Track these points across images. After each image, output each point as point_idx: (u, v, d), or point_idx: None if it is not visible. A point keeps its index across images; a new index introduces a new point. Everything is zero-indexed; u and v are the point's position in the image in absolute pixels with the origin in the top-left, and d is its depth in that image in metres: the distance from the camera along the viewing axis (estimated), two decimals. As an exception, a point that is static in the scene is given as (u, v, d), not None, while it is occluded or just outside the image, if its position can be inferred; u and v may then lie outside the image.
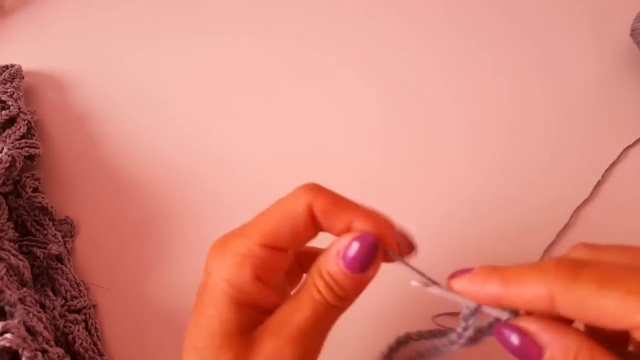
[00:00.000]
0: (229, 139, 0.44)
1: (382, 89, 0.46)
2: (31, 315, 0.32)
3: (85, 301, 0.36)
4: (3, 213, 0.37)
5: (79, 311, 0.36)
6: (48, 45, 0.51)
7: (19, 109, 0.42)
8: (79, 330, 0.35)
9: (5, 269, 0.33)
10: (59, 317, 0.35)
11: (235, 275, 0.23)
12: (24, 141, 0.40)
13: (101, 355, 0.35)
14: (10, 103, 0.42)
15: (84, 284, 0.37)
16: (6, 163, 0.37)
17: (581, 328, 0.22)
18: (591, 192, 0.40)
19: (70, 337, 0.35)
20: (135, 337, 0.36)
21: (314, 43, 0.49)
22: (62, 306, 0.36)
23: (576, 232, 0.38)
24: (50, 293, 0.36)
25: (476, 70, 0.47)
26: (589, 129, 0.43)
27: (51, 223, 0.39)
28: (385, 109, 0.45)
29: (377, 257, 0.23)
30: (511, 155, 0.42)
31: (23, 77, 0.46)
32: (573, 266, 0.21)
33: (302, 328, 0.23)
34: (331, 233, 0.24)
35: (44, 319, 0.34)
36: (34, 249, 0.37)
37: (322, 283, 0.23)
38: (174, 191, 0.42)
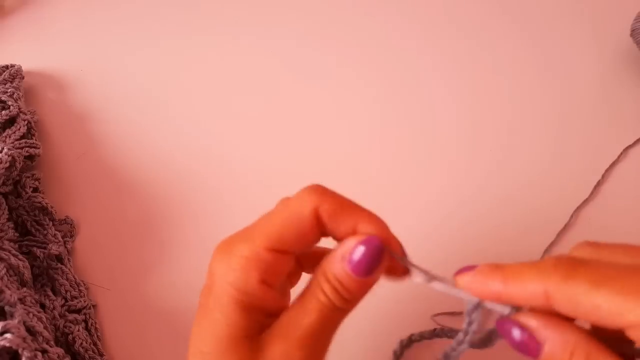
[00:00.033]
0: (229, 139, 0.44)
1: (382, 89, 0.46)
2: (31, 315, 0.32)
3: (85, 301, 0.36)
4: (3, 213, 0.37)
5: (79, 311, 0.36)
6: (48, 45, 0.51)
7: (19, 109, 0.42)
8: (79, 330, 0.35)
9: (5, 269, 0.33)
10: (59, 317, 0.35)
11: (242, 279, 0.23)
12: (24, 141, 0.40)
13: (101, 355, 0.35)
14: (10, 103, 0.42)
15: (84, 284, 0.37)
16: (6, 163, 0.37)
17: (587, 326, 0.22)
18: (591, 192, 0.40)
19: (70, 337, 0.35)
20: (135, 337, 0.36)
21: (314, 43, 0.49)
22: (62, 306, 0.36)
23: (576, 232, 0.38)
24: (50, 293, 0.36)
25: (476, 70, 0.47)
26: (589, 129, 0.43)
27: (51, 223, 0.39)
28: (385, 108, 0.45)
29: (382, 260, 0.23)
30: (511, 155, 0.42)
31: (23, 77, 0.46)
32: (569, 265, 0.21)
33: (309, 331, 0.23)
34: (335, 236, 0.24)
35: (44, 319, 0.34)
36: (34, 249, 0.37)
37: (328, 286, 0.23)
38: (174, 191, 0.42)
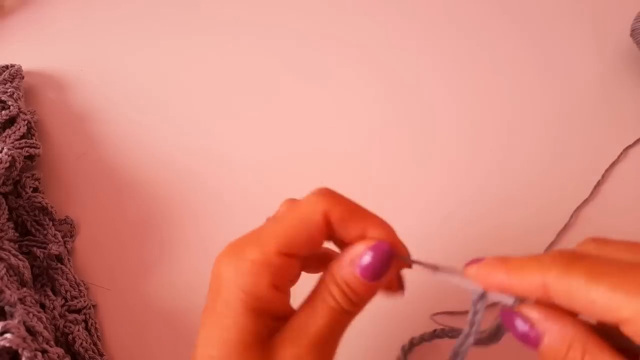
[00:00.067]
0: (229, 139, 0.44)
1: (382, 89, 0.46)
2: (31, 315, 0.32)
3: (85, 301, 0.36)
4: (3, 213, 0.37)
5: (79, 311, 0.36)
6: (48, 45, 0.51)
7: (19, 109, 0.42)
8: (79, 330, 0.35)
9: (5, 269, 0.33)
10: (59, 317, 0.35)
11: (253, 284, 0.23)
12: (24, 141, 0.40)
13: (101, 355, 0.35)
14: (10, 103, 0.42)
15: (84, 284, 0.37)
16: (6, 163, 0.37)
17: (592, 321, 0.22)
18: (591, 192, 0.40)
19: (70, 337, 0.35)
20: (135, 337, 0.36)
21: (314, 43, 0.49)
22: (62, 306, 0.36)
23: (576, 232, 0.38)
24: (50, 293, 0.36)
25: (476, 70, 0.47)
26: (589, 129, 0.43)
27: (51, 223, 0.39)
28: (385, 108, 0.45)
29: (391, 265, 0.24)
30: (511, 155, 0.42)
31: (23, 77, 0.46)
32: (568, 258, 0.21)
33: (319, 335, 0.23)
34: (343, 240, 0.25)
35: (44, 319, 0.34)
36: (34, 249, 0.37)
37: (337, 290, 0.24)
38: (174, 191, 0.42)
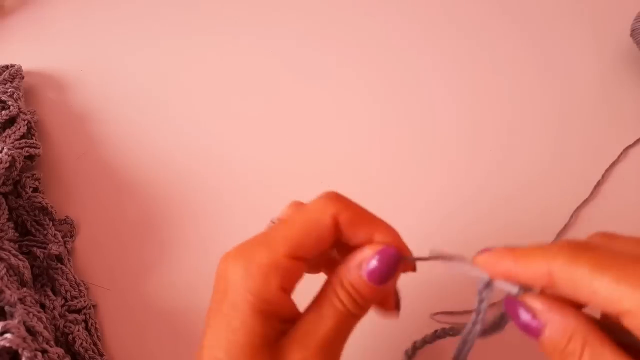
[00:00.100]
0: (229, 139, 0.44)
1: (382, 89, 0.46)
2: (31, 315, 0.32)
3: (85, 301, 0.36)
4: (3, 213, 0.37)
5: (79, 311, 0.36)
6: (48, 45, 0.51)
7: (19, 109, 0.42)
8: (79, 330, 0.35)
9: (5, 269, 0.33)
10: (59, 317, 0.35)
11: (262, 287, 0.23)
12: (24, 141, 0.40)
13: (101, 355, 0.35)
14: (10, 103, 0.42)
15: (84, 284, 0.37)
16: (6, 163, 0.37)
17: (597, 315, 0.23)
18: (591, 192, 0.40)
19: (70, 337, 0.35)
20: (135, 337, 0.36)
21: (314, 43, 0.49)
22: (62, 306, 0.36)
23: (576, 232, 0.38)
24: (50, 293, 0.36)
25: (476, 70, 0.47)
26: (589, 129, 0.43)
27: (51, 223, 0.39)
28: (385, 108, 0.45)
29: (398, 269, 0.24)
30: (511, 155, 0.42)
31: (23, 77, 0.46)
32: (575, 248, 0.22)
33: (327, 339, 0.23)
34: (350, 243, 0.25)
35: (44, 319, 0.34)
36: (34, 249, 0.37)
37: (344, 293, 0.24)
38: (174, 191, 0.42)
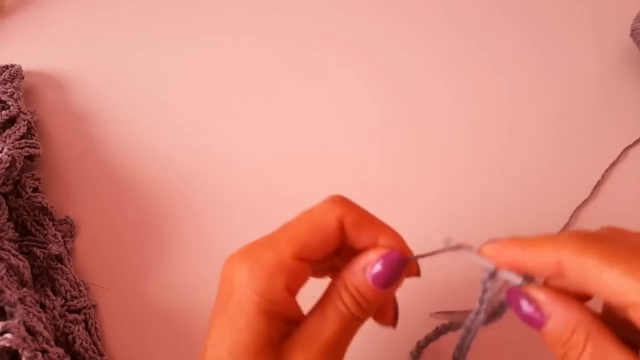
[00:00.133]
0: (229, 139, 0.44)
1: (382, 89, 0.46)
2: (31, 315, 0.32)
3: (85, 301, 0.36)
4: (3, 213, 0.37)
5: (79, 311, 0.36)
6: (48, 45, 0.51)
7: (19, 109, 0.42)
8: (79, 330, 0.35)
9: (5, 269, 0.33)
10: (59, 317, 0.35)
11: (267, 287, 0.23)
12: (24, 141, 0.40)
13: (101, 355, 0.35)
14: (10, 103, 0.42)
15: (84, 284, 0.37)
16: (6, 163, 0.37)
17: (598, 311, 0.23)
18: (591, 192, 0.40)
19: (70, 337, 0.35)
20: (135, 337, 0.36)
21: (314, 43, 0.49)
22: (62, 306, 0.36)
23: (576, 232, 0.38)
24: (50, 293, 0.36)
25: (476, 70, 0.47)
26: (589, 129, 0.43)
27: (51, 223, 0.39)
28: (385, 108, 0.45)
29: (402, 273, 0.24)
30: (511, 155, 0.42)
31: (23, 77, 0.46)
32: (585, 238, 0.22)
33: (330, 341, 0.23)
34: (354, 247, 0.25)
35: (44, 319, 0.34)
36: (34, 249, 0.37)
37: (348, 296, 0.24)
38: (174, 191, 0.42)
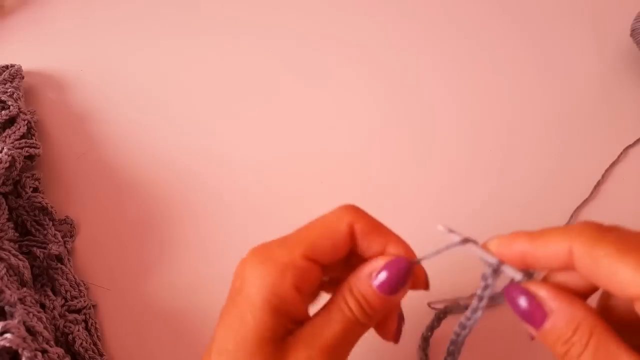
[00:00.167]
0: (229, 139, 0.44)
1: (382, 89, 0.46)
2: (31, 315, 0.32)
3: (85, 301, 0.36)
4: (3, 213, 0.37)
5: (79, 311, 0.36)
6: (48, 45, 0.51)
7: (19, 109, 0.42)
8: (79, 330, 0.35)
9: (5, 269, 0.33)
10: (59, 317, 0.35)
11: (277, 283, 0.23)
12: (24, 141, 0.40)
13: (101, 355, 0.35)
14: (10, 103, 0.42)
15: (84, 284, 0.37)
16: (6, 163, 0.37)
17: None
18: (591, 192, 0.40)
19: (70, 337, 0.35)
20: (135, 337, 0.36)
21: (314, 43, 0.49)
22: (62, 306, 0.36)
23: (576, 232, 0.38)
24: (50, 293, 0.36)
25: (476, 70, 0.47)
26: (589, 129, 0.43)
27: (51, 223, 0.39)
28: (385, 108, 0.45)
29: (407, 280, 0.25)
30: (511, 155, 0.42)
31: (23, 77, 0.46)
32: (598, 228, 0.22)
33: (332, 341, 0.24)
34: (364, 254, 0.26)
35: (44, 319, 0.34)
36: (34, 249, 0.37)
37: (353, 301, 0.24)
38: (174, 191, 0.42)
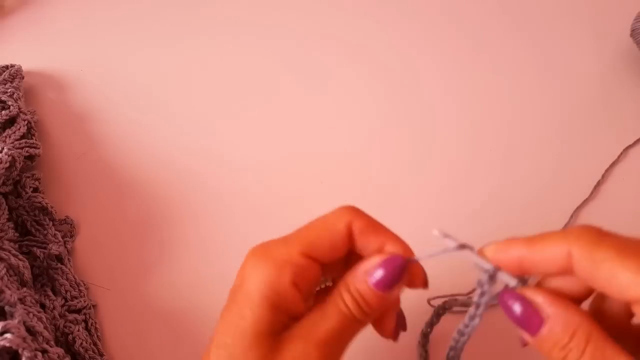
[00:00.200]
0: (229, 139, 0.44)
1: (382, 89, 0.46)
2: (31, 315, 0.32)
3: (85, 301, 0.36)
4: (3, 213, 0.37)
5: (79, 311, 0.36)
6: (48, 45, 0.51)
7: (19, 109, 0.42)
8: (79, 330, 0.35)
9: (5, 269, 0.33)
10: (59, 317, 0.35)
11: (275, 279, 0.24)
12: (24, 141, 0.40)
13: (101, 355, 0.35)
14: (10, 103, 0.42)
15: (84, 284, 0.37)
16: (6, 163, 0.37)
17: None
18: (591, 192, 0.40)
19: (70, 337, 0.35)
20: (135, 337, 0.36)
21: (314, 43, 0.49)
22: (62, 306, 0.36)
23: (576, 232, 0.38)
24: (50, 293, 0.36)
25: (476, 70, 0.47)
26: (589, 129, 0.43)
27: (51, 223, 0.39)
28: (385, 108, 0.45)
29: (403, 278, 0.25)
30: (511, 155, 0.42)
31: (23, 77, 0.46)
32: (597, 232, 0.22)
33: (327, 336, 0.24)
34: (362, 252, 0.26)
35: (44, 319, 0.34)
36: (34, 249, 0.37)
37: (349, 297, 0.25)
38: (174, 191, 0.42)
